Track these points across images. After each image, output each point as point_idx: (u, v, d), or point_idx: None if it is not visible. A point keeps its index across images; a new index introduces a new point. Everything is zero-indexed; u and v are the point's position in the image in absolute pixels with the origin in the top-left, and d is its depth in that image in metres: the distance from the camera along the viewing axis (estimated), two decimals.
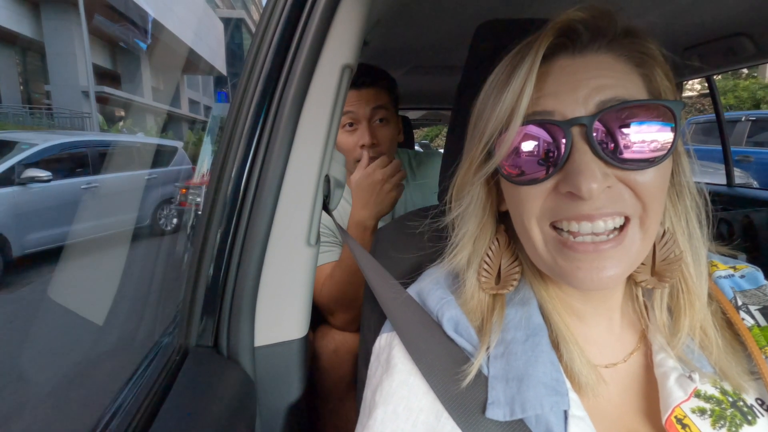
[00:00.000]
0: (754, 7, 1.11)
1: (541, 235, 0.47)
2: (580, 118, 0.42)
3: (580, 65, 0.45)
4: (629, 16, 0.46)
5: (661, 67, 0.47)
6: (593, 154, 0.42)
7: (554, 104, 0.44)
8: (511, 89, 0.44)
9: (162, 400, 0.55)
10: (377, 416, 0.47)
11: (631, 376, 0.51)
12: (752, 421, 0.45)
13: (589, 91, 0.43)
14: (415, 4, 1.18)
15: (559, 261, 0.45)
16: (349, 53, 0.67)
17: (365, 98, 1.18)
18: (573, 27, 0.46)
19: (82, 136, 7.09)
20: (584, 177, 0.41)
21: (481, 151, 0.48)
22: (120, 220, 5.99)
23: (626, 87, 0.44)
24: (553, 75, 0.45)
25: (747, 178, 5.37)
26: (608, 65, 0.45)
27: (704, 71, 1.65)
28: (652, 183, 0.44)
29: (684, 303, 0.49)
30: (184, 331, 0.67)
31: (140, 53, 17.14)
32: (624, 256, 0.44)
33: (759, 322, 0.51)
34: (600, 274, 0.43)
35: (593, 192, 0.41)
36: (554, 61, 0.46)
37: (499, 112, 0.45)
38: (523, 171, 0.46)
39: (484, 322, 0.51)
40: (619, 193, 0.43)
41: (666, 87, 0.47)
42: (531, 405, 0.44)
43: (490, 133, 0.47)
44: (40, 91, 14.84)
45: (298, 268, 0.70)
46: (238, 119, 0.67)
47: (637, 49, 0.46)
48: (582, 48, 0.46)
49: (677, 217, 0.51)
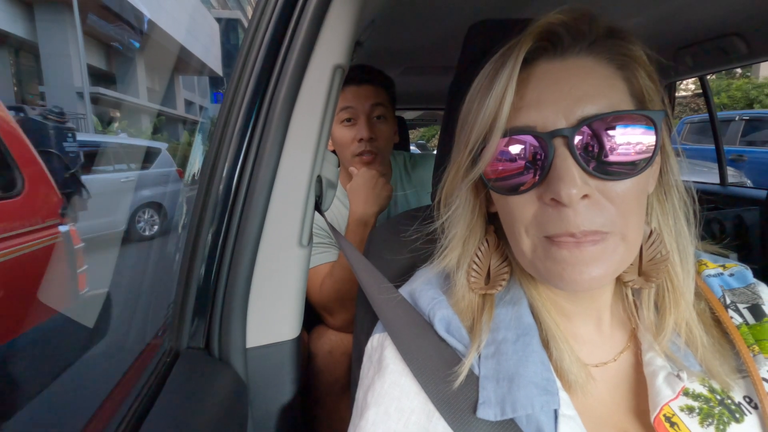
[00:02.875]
0: (747, 7, 1.12)
1: (530, 241, 0.47)
2: (562, 130, 0.43)
3: (562, 70, 0.45)
4: (615, 17, 0.46)
5: (644, 68, 0.47)
6: (575, 162, 0.43)
7: (536, 117, 0.44)
8: (493, 96, 0.45)
9: (152, 403, 0.55)
10: (369, 417, 0.47)
11: (620, 375, 0.52)
12: (740, 418, 0.45)
13: (571, 101, 0.44)
14: (409, 5, 1.18)
15: (547, 264, 0.46)
16: (341, 53, 0.67)
17: (364, 94, 1.20)
18: (553, 30, 0.46)
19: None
20: (564, 183, 0.42)
21: (466, 157, 0.49)
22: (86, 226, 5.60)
23: (607, 95, 0.44)
24: (535, 81, 0.46)
25: (740, 177, 5.40)
26: (589, 70, 0.45)
27: (697, 71, 1.66)
28: (631, 193, 0.44)
29: (669, 301, 0.50)
30: (175, 333, 0.67)
31: (135, 54, 17.08)
32: (607, 258, 0.44)
33: (747, 320, 0.51)
34: (583, 275, 0.44)
35: (573, 198, 0.42)
36: (536, 65, 0.46)
37: (482, 119, 0.46)
38: (508, 180, 0.46)
39: (474, 321, 0.51)
40: (600, 207, 0.43)
41: (649, 88, 0.46)
42: (522, 405, 0.44)
43: (474, 140, 0.47)
44: (34, 92, 14.76)
45: (291, 268, 0.69)
46: (229, 119, 0.67)
47: (618, 51, 0.46)
48: (563, 51, 0.46)
49: (664, 216, 0.51)
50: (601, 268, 0.44)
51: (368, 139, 1.19)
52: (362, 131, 1.19)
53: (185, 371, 0.63)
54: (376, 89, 1.22)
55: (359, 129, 1.19)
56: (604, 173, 0.43)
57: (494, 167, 0.47)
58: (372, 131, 1.20)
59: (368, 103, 1.20)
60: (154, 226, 6.65)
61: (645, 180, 0.46)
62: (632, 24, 1.22)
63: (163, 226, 6.70)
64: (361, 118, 1.20)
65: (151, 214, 6.67)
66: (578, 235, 0.43)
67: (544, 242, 0.45)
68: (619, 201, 0.44)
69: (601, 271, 0.44)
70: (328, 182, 0.77)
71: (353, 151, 1.20)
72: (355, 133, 1.20)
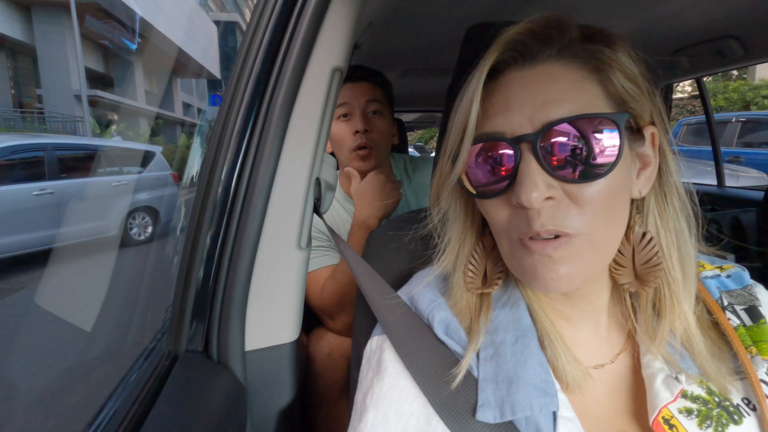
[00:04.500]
0: (742, 10, 1.13)
1: (507, 244, 0.48)
2: (527, 135, 0.44)
3: (529, 78, 0.46)
4: (611, 20, 0.46)
5: (621, 69, 0.46)
6: (539, 166, 0.44)
7: (503, 124, 0.46)
8: (464, 104, 0.47)
9: (150, 407, 0.55)
10: (368, 420, 0.47)
11: (618, 377, 0.52)
12: (738, 420, 0.45)
13: (536, 107, 0.45)
14: (407, 8, 1.19)
15: (522, 264, 0.47)
16: (339, 56, 0.67)
17: (360, 90, 1.23)
18: (520, 40, 0.47)
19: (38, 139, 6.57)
20: (524, 187, 0.43)
21: (446, 162, 0.50)
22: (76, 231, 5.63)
23: (573, 99, 0.45)
24: (503, 89, 0.47)
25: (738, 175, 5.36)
26: (556, 75, 0.46)
27: (694, 73, 1.67)
28: (599, 195, 0.44)
29: (666, 305, 0.50)
30: (173, 337, 0.67)
31: (133, 56, 17.07)
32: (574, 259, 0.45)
33: (745, 322, 0.51)
34: (551, 273, 0.44)
35: (533, 201, 0.43)
36: (505, 74, 0.48)
37: (456, 126, 0.48)
38: (483, 186, 0.48)
39: (472, 322, 0.51)
40: (565, 209, 0.44)
41: (628, 88, 0.46)
42: (520, 407, 0.44)
43: (451, 146, 0.49)
44: (32, 95, 14.74)
45: (289, 271, 0.69)
46: (228, 121, 0.67)
47: (591, 54, 0.46)
48: (532, 59, 0.47)
49: (663, 219, 0.51)
50: (568, 267, 0.45)
51: (363, 131, 1.21)
52: (357, 124, 1.21)
53: (184, 374, 0.62)
54: (372, 87, 1.25)
55: (354, 122, 1.22)
56: (567, 176, 0.44)
57: (469, 172, 0.49)
58: (367, 124, 1.22)
59: (363, 99, 1.23)
60: (147, 230, 6.58)
61: (616, 182, 0.45)
62: (628, 27, 1.22)
63: (157, 230, 6.62)
64: (356, 112, 1.23)
65: (144, 219, 6.60)
66: (543, 233, 0.44)
67: (517, 244, 0.47)
68: (586, 203, 0.44)
69: (569, 270, 0.45)
70: (327, 185, 0.77)
71: (350, 146, 1.22)
72: (351, 126, 1.22)
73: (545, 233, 0.44)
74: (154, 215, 6.69)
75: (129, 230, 6.39)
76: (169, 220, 6.55)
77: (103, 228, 6.02)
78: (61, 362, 2.25)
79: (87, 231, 5.72)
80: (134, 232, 6.45)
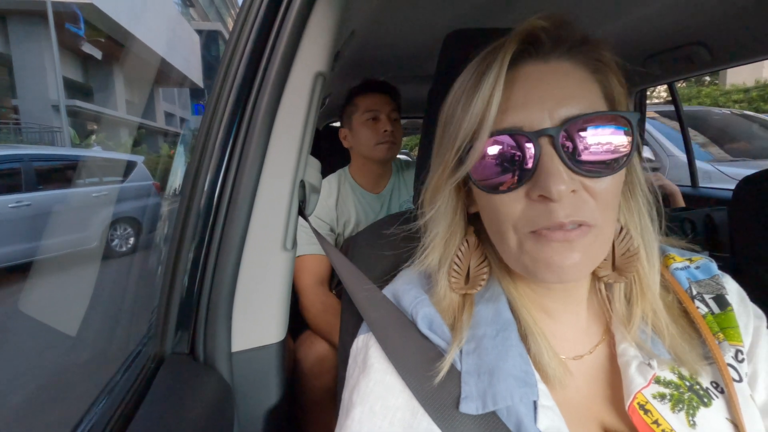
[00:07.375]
0: (709, 18, 1.18)
1: (516, 237, 0.48)
2: (548, 129, 0.44)
3: (545, 73, 0.47)
4: (585, 26, 0.49)
5: (614, 73, 0.49)
6: (560, 160, 0.44)
7: (522, 118, 0.46)
8: (480, 96, 0.45)
9: (136, 408, 0.54)
10: (355, 416, 0.48)
11: (596, 366, 0.53)
12: (708, 403, 0.48)
13: (555, 102, 0.45)
14: (388, 16, 1.21)
15: (534, 255, 0.47)
16: (322, 61, 0.69)
17: (385, 100, 1.51)
18: (536, 35, 0.48)
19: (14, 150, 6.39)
20: (553, 179, 0.43)
21: (453, 156, 0.49)
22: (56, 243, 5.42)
23: (587, 97, 0.46)
24: (520, 82, 0.47)
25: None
26: (569, 73, 0.47)
27: (665, 78, 1.73)
28: (610, 189, 0.46)
29: (636, 292, 0.52)
30: (159, 339, 0.66)
31: (113, 66, 16.79)
32: (588, 249, 0.46)
33: (713, 310, 0.54)
34: (567, 261, 0.45)
35: (562, 193, 0.43)
36: (520, 67, 0.48)
37: (470, 118, 0.46)
38: (495, 179, 0.47)
39: (455, 320, 0.52)
40: (584, 200, 0.45)
41: (620, 92, 0.49)
42: (502, 397, 0.45)
43: (461, 140, 0.48)
44: (7, 105, 14.36)
45: (275, 272, 0.70)
46: (213, 125, 0.68)
47: (593, 57, 0.49)
48: (545, 55, 0.48)
49: (630, 213, 0.53)
50: (582, 256, 0.45)
51: (390, 131, 1.48)
52: (386, 125, 1.48)
53: (170, 377, 0.62)
54: (392, 99, 1.53)
55: (383, 123, 1.49)
56: (587, 170, 0.45)
57: (481, 166, 0.48)
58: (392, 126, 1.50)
59: (389, 107, 1.51)
60: (130, 241, 6.39)
61: (621, 177, 0.48)
62: (602, 32, 1.27)
63: (140, 241, 6.42)
64: (383, 116, 1.50)
65: (126, 230, 6.42)
66: (567, 225, 0.44)
67: (531, 237, 0.46)
68: (600, 197, 0.45)
69: (582, 258, 0.45)
70: (312, 187, 0.78)
71: (378, 140, 1.48)
72: (380, 126, 1.48)
73: (570, 223, 0.44)
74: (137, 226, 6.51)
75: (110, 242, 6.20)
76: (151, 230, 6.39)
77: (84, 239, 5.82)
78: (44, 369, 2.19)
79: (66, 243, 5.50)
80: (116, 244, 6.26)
